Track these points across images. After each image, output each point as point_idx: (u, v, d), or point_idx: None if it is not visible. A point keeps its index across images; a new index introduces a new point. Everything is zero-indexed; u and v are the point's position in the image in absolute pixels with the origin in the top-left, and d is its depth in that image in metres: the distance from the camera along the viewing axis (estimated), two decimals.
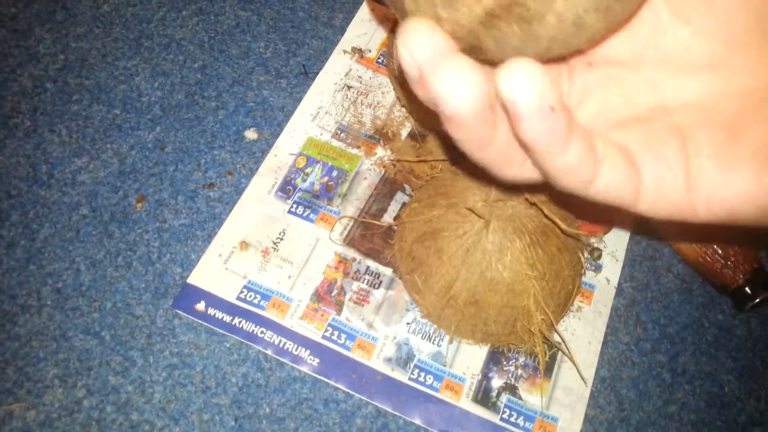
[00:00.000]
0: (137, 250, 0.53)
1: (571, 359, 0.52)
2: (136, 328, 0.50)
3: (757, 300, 0.54)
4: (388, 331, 0.52)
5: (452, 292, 0.49)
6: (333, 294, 0.53)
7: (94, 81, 0.60)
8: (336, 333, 0.52)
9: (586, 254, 0.57)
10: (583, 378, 0.51)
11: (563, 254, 0.49)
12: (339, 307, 0.53)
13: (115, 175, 0.56)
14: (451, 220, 0.49)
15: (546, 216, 0.46)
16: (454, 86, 0.17)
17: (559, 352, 0.53)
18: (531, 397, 0.51)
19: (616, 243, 0.58)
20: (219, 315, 0.51)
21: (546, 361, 0.53)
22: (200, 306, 0.51)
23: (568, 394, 0.52)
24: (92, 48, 0.62)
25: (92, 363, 0.49)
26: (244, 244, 0.54)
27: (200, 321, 0.51)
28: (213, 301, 0.52)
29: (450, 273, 0.48)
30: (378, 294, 0.54)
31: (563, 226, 0.47)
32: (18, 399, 0.47)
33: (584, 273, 0.55)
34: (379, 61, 0.64)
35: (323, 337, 0.51)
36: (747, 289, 0.54)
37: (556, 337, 0.53)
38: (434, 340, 0.52)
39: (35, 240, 0.53)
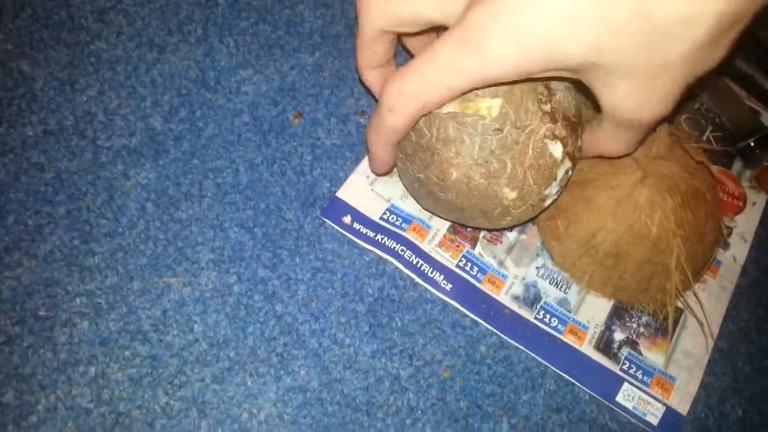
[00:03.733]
0: (291, 161, 0.56)
1: (704, 319, 0.53)
2: (286, 230, 0.54)
3: None
4: (518, 271, 0.54)
5: (594, 241, 0.50)
6: (468, 229, 0.56)
7: (261, 2, 0.64)
8: (469, 264, 0.54)
9: None
10: (712, 335, 0.53)
11: (709, 221, 0.50)
12: (473, 241, 0.55)
13: (275, 90, 0.59)
14: (603, 172, 0.51)
15: (712, 175, 0.48)
16: None
17: (682, 316, 0.54)
18: (651, 354, 0.53)
19: (746, 224, 0.59)
20: (363, 230, 0.54)
21: (667, 323, 0.54)
22: (347, 219, 0.54)
23: (687, 358, 0.53)
24: None
25: (244, 254, 0.52)
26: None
27: (345, 232, 0.54)
28: (358, 216, 0.54)
29: (596, 222, 0.50)
30: (511, 236, 0.56)
31: (713, 168, 0.49)
32: (176, 275, 0.50)
33: (723, 244, 0.56)
34: None
35: (457, 266, 0.54)
36: None
37: (688, 302, 0.54)
38: (561, 287, 0.54)
39: (200, 137, 0.56)
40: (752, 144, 0.59)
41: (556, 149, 0.44)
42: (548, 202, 0.47)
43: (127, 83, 0.58)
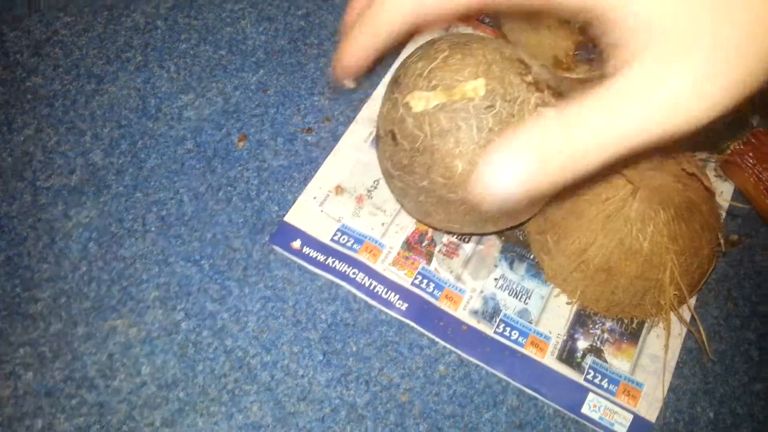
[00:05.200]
0: (237, 186, 0.55)
1: (701, 339, 0.51)
2: (233, 260, 0.52)
3: None
4: (475, 284, 0.53)
5: (585, 257, 0.49)
6: (423, 244, 0.54)
7: (202, 22, 0.62)
8: (425, 281, 0.53)
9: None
10: (708, 352, 0.51)
11: (705, 233, 0.48)
12: (429, 257, 0.54)
13: (219, 113, 0.58)
14: (593, 185, 0.49)
15: (705, 187, 0.46)
16: None
17: (647, 321, 0.53)
18: (616, 361, 0.51)
19: None
20: (313, 254, 0.52)
21: (633, 328, 0.52)
22: (296, 244, 0.53)
23: (653, 362, 0.51)
24: None
25: (191, 289, 0.51)
26: (340, 189, 0.55)
27: (295, 258, 0.52)
28: (308, 240, 0.53)
29: (587, 237, 0.48)
30: (467, 248, 0.54)
31: (707, 183, 0.47)
32: (121, 316, 0.49)
33: (720, 255, 0.54)
34: None
35: (412, 284, 0.52)
36: None
37: (683, 316, 0.52)
38: (521, 297, 0.53)
39: (142, 169, 0.55)
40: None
41: None
42: None
43: (66, 118, 0.56)
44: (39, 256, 0.51)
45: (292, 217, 0.54)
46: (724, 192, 0.58)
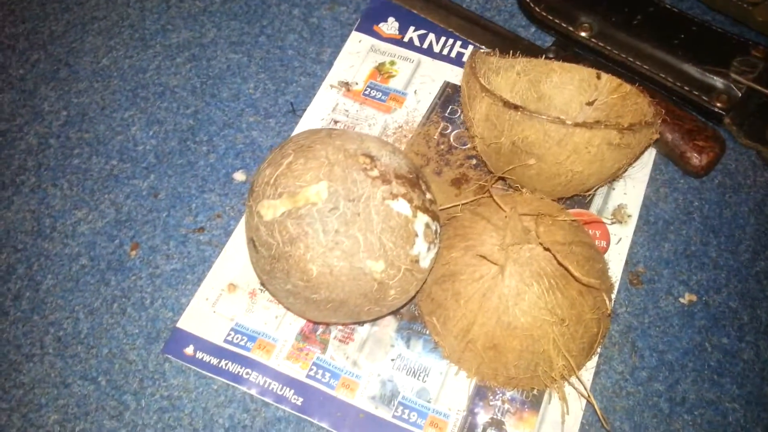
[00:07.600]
0: (131, 297, 0.56)
1: (598, 412, 0.49)
2: (129, 372, 0.53)
3: None
4: (372, 368, 0.53)
5: (470, 336, 0.48)
6: (318, 333, 0.54)
7: (93, 134, 0.63)
8: (320, 372, 0.52)
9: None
10: (605, 426, 0.50)
11: (585, 298, 0.48)
12: (324, 345, 0.53)
13: (111, 225, 0.59)
14: (468, 263, 0.49)
15: (558, 262, 0.46)
16: None
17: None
18: None
19: (611, 265, 0.56)
20: (206, 358, 0.53)
21: (533, 395, 0.51)
22: (189, 350, 0.53)
23: (556, 429, 0.50)
24: (92, 102, 0.65)
25: (89, 408, 0.51)
26: (232, 287, 0.56)
27: (189, 365, 0.52)
28: (201, 344, 0.53)
29: (467, 317, 0.48)
30: (362, 331, 0.54)
31: (576, 273, 0.46)
32: None
33: (611, 314, 0.53)
34: (366, 93, 0.64)
35: (307, 376, 0.52)
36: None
37: (575, 385, 0.51)
38: (419, 376, 0.52)
39: (39, 291, 0.56)
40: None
41: (402, 206, 0.44)
42: (426, 261, 0.46)
43: None
44: None
45: (185, 323, 0.54)
46: (623, 239, 0.58)
